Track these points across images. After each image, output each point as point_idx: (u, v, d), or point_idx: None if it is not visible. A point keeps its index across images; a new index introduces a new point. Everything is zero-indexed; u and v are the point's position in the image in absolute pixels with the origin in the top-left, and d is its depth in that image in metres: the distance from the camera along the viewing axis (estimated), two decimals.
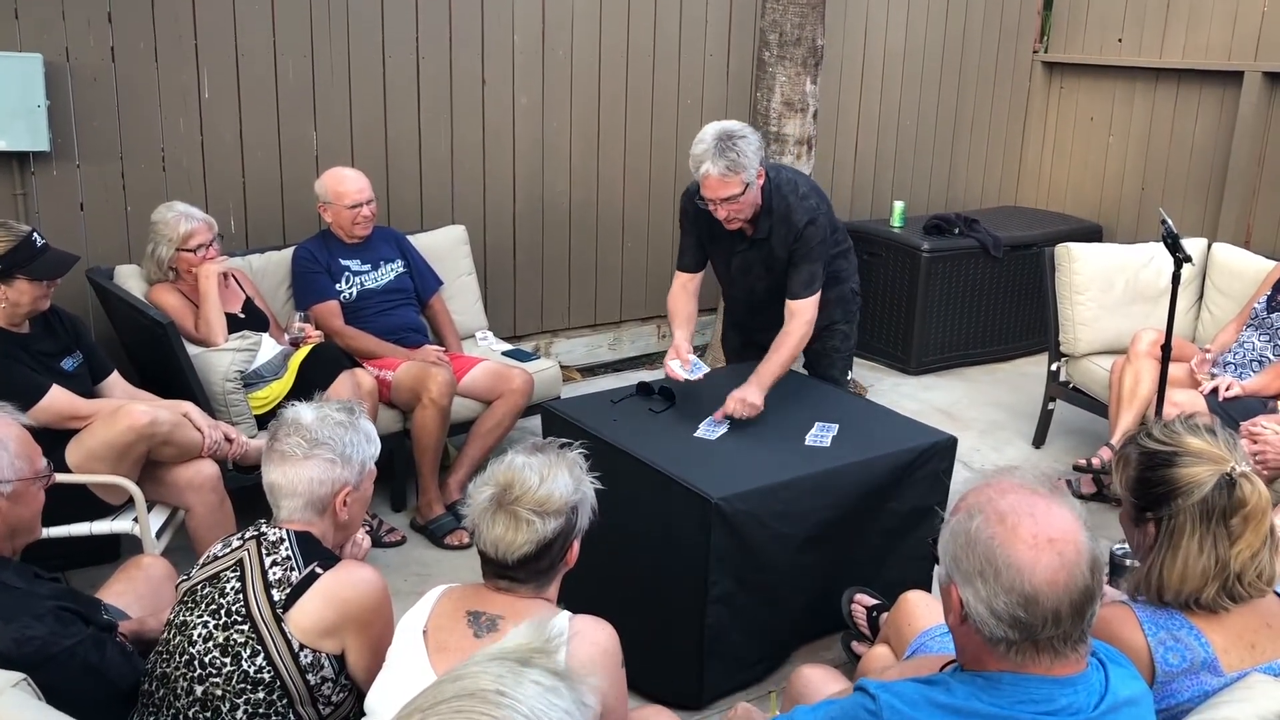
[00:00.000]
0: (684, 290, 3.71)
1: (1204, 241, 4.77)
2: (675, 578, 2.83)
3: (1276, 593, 1.87)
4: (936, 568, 1.59)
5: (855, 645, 3.01)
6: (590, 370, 5.52)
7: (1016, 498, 1.51)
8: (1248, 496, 1.79)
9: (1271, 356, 3.99)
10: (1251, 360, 4.04)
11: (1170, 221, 3.45)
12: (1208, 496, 1.79)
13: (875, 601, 3.01)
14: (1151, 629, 1.80)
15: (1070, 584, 1.45)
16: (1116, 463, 1.95)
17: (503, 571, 1.87)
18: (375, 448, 2.16)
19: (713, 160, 3.25)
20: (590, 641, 1.85)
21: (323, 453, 2.04)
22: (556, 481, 1.88)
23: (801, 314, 3.49)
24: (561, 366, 4.87)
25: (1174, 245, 3.41)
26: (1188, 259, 3.41)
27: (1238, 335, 4.17)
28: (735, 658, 2.92)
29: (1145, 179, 6.15)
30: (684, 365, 3.38)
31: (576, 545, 1.95)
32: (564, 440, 2.01)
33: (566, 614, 1.88)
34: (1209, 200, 5.82)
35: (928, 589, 3.12)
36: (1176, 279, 3.44)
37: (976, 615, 1.49)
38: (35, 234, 3.05)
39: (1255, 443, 2.89)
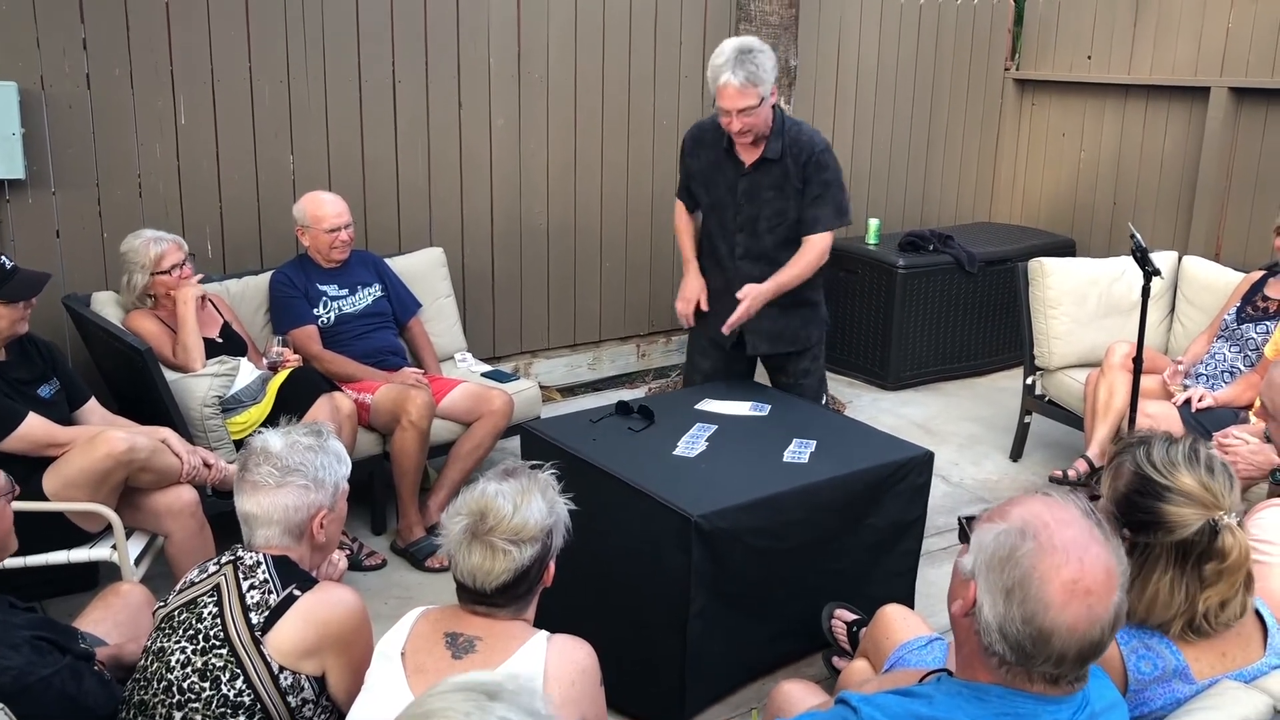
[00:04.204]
0: (685, 211, 3.90)
1: (1174, 254, 4.83)
2: (656, 595, 2.84)
3: None
4: (960, 553, 1.57)
5: (836, 660, 3.02)
6: (570, 390, 5.53)
7: (1074, 534, 1.47)
8: (1228, 549, 1.77)
9: (1242, 367, 4.04)
10: (1223, 371, 4.09)
11: (1139, 236, 3.50)
12: (1188, 539, 1.77)
13: (855, 616, 3.02)
14: (1124, 638, 1.82)
15: (1086, 635, 1.44)
16: (1109, 466, 1.93)
17: (481, 599, 1.87)
18: (346, 467, 2.16)
19: (732, 70, 3.35)
20: (569, 660, 1.86)
21: (295, 479, 2.04)
22: (531, 508, 1.87)
23: (813, 246, 3.56)
24: (541, 387, 4.88)
25: (1143, 259, 3.46)
26: (1156, 272, 3.46)
27: (1209, 347, 4.22)
28: (717, 674, 2.92)
29: (1116, 194, 6.23)
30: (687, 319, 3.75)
31: (553, 565, 1.96)
32: (535, 462, 2.01)
33: (544, 634, 1.88)
34: (1179, 214, 5.90)
35: (910, 604, 3.14)
36: (1146, 292, 3.49)
37: (984, 622, 1.48)
38: (3, 257, 3.05)
39: (1225, 453, 2.92)
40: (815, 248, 3.58)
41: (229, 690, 1.90)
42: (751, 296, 3.48)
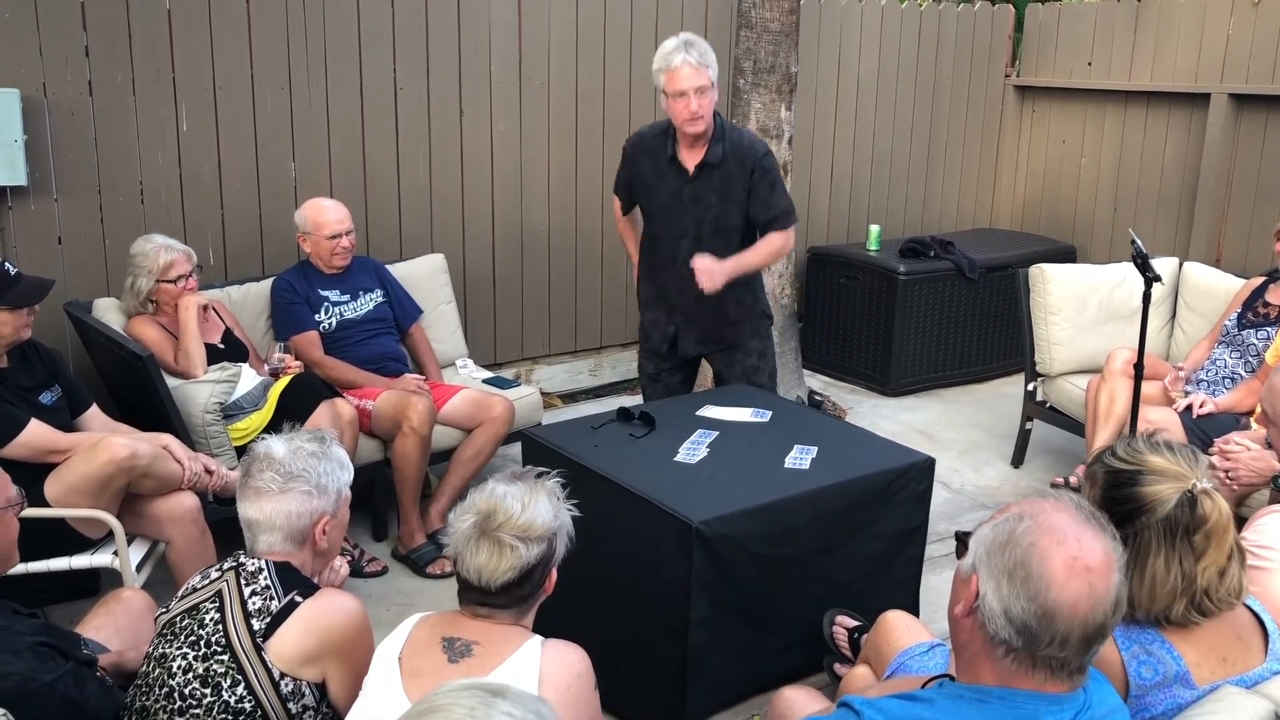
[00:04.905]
0: (626, 216, 4.00)
1: (1175, 260, 4.84)
2: (657, 601, 2.84)
3: (1247, 605, 1.90)
4: (960, 560, 1.61)
5: (837, 667, 3.02)
6: (571, 396, 5.54)
7: (1069, 518, 1.53)
8: (1208, 513, 1.82)
9: (1243, 373, 4.04)
10: (1224, 377, 4.09)
11: (1140, 242, 3.51)
12: (1171, 514, 1.82)
13: (856, 623, 3.02)
14: (1124, 643, 1.82)
15: (1089, 616, 1.47)
16: (1086, 480, 1.99)
17: (484, 599, 1.88)
18: (349, 474, 2.17)
19: (685, 51, 3.47)
20: (564, 664, 1.87)
21: (299, 485, 2.05)
22: (538, 508, 1.90)
23: (775, 239, 3.65)
24: (542, 393, 4.88)
25: (1143, 265, 3.46)
26: (1157, 278, 3.46)
27: (1210, 353, 4.22)
28: (718, 681, 2.92)
29: (1117, 200, 6.24)
30: None
31: (554, 573, 1.97)
32: (541, 469, 2.03)
33: (539, 638, 1.90)
34: (1180, 220, 5.90)
35: (915, 612, 3.13)
36: (1146, 298, 3.49)
37: (988, 611, 1.50)
38: (6, 263, 3.06)
39: (1226, 459, 2.92)
40: (777, 240, 3.67)
41: (230, 696, 1.90)
42: (718, 266, 3.51)
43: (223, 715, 1.90)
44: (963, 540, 1.63)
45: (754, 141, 3.69)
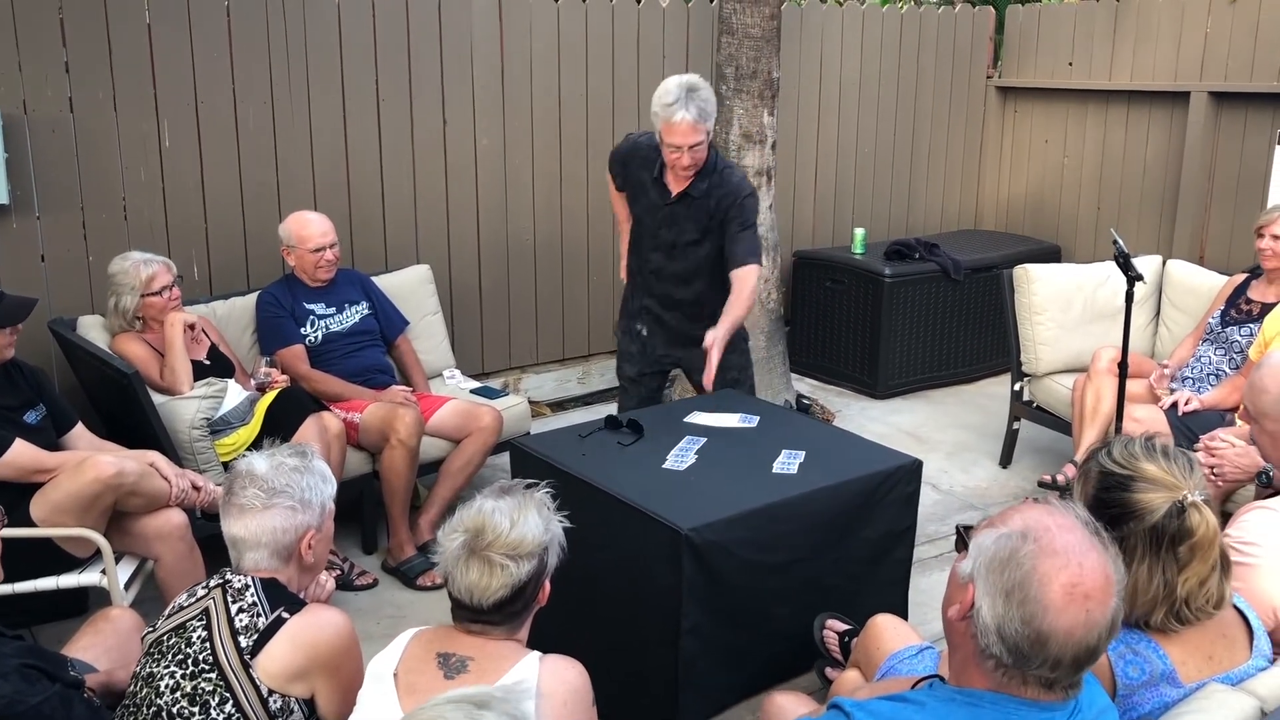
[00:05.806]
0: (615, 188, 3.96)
1: (1159, 259, 4.86)
2: (648, 610, 2.84)
3: (1231, 602, 1.90)
4: (957, 559, 1.59)
5: (828, 671, 3.02)
6: (560, 405, 5.53)
7: (1075, 539, 1.50)
8: (1195, 527, 1.82)
9: (1228, 370, 4.06)
10: (1208, 374, 4.11)
11: (1121, 241, 3.53)
12: (1158, 523, 1.82)
13: (847, 626, 3.03)
14: (1111, 643, 1.82)
15: (1082, 641, 1.46)
16: (1079, 476, 1.98)
17: (477, 616, 1.88)
18: (332, 487, 2.17)
19: (685, 107, 3.42)
20: (562, 680, 1.86)
21: (282, 501, 2.05)
22: (527, 524, 1.89)
23: (748, 278, 3.58)
24: (531, 402, 4.88)
25: (1125, 264, 3.48)
26: (1139, 278, 3.48)
27: (1194, 350, 4.25)
28: (710, 687, 2.92)
29: (1100, 199, 6.27)
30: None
31: (548, 585, 1.96)
32: (530, 480, 2.02)
33: (536, 654, 1.89)
34: (1162, 218, 5.93)
35: (904, 613, 3.14)
36: (1129, 297, 3.51)
37: (982, 625, 1.49)
38: None
39: (1212, 456, 2.94)
40: (749, 280, 3.59)
41: (218, 715, 1.89)
42: (717, 344, 3.47)
43: None
44: (963, 535, 1.62)
45: (741, 184, 3.66)
